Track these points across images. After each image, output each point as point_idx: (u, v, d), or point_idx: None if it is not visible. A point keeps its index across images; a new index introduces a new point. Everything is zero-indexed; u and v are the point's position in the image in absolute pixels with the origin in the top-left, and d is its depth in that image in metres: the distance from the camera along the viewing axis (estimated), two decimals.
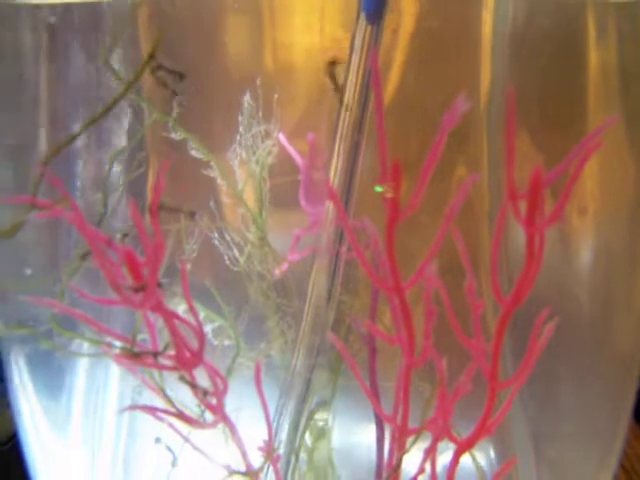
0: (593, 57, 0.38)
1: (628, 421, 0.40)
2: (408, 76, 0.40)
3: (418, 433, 0.32)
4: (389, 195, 0.30)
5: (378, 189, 0.30)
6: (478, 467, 0.38)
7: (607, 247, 0.40)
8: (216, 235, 0.40)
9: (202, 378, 0.33)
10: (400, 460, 0.33)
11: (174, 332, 0.29)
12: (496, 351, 0.32)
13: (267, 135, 0.39)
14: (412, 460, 0.35)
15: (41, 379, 0.42)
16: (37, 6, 0.36)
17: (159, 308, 0.29)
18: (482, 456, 0.42)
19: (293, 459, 0.38)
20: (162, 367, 0.31)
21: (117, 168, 0.39)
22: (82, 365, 0.43)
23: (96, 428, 0.44)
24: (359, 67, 0.36)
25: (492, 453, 0.43)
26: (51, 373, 0.42)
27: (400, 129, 0.39)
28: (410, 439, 0.34)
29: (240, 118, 0.38)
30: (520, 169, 0.35)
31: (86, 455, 0.44)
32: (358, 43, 0.36)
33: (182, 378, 0.30)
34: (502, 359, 0.40)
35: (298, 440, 0.38)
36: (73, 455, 0.44)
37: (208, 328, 0.39)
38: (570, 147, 0.36)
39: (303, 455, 0.39)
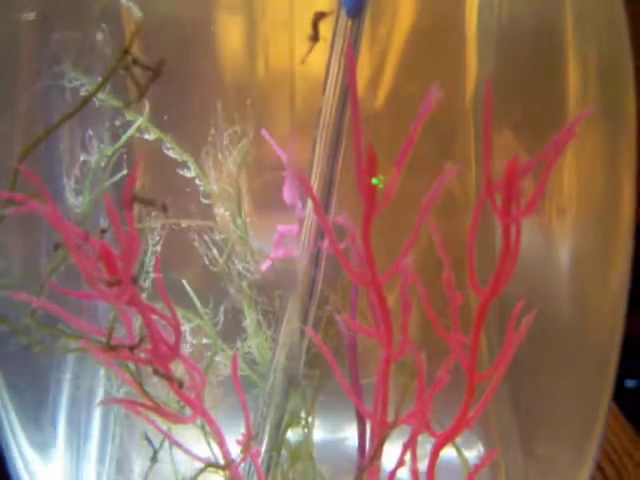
0: (572, 50, 0.38)
1: (606, 412, 0.40)
2: (396, 74, 0.40)
3: (394, 426, 0.32)
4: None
5: (374, 182, 0.30)
6: (464, 460, 0.38)
7: (583, 246, 0.40)
8: (195, 235, 0.40)
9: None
10: (377, 452, 0.33)
11: (150, 326, 0.29)
12: (474, 343, 0.32)
13: (243, 135, 0.39)
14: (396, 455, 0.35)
15: (24, 382, 0.42)
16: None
17: (134, 302, 0.29)
18: (472, 452, 0.43)
19: (275, 454, 0.38)
20: (139, 360, 0.31)
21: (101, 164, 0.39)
22: (68, 368, 0.43)
23: (81, 439, 0.44)
24: (339, 62, 0.36)
25: (481, 449, 0.43)
26: (35, 376, 0.42)
27: (388, 125, 0.39)
28: (391, 433, 0.34)
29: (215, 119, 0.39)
30: (502, 161, 0.35)
31: (71, 466, 0.44)
32: (339, 38, 0.36)
33: (156, 371, 0.30)
34: (490, 354, 0.40)
35: (280, 436, 0.38)
36: (57, 466, 0.44)
37: (186, 327, 0.39)
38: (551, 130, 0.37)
39: (284, 451, 0.39)
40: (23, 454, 0.43)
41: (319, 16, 0.34)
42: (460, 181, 0.41)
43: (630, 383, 1.08)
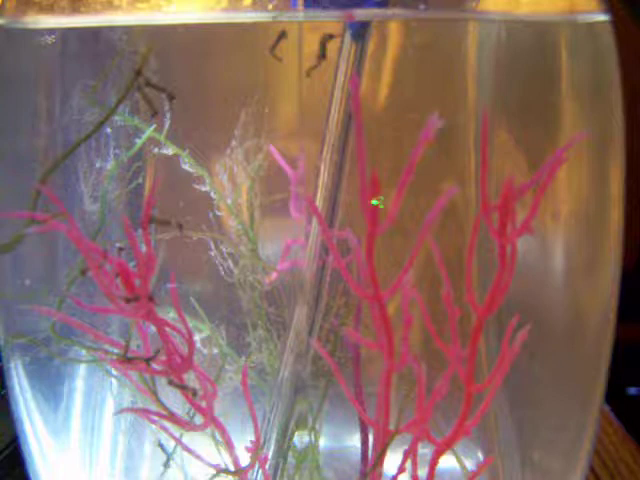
0: (565, 74, 0.40)
1: (597, 417, 0.42)
2: (399, 95, 0.41)
3: (394, 435, 0.33)
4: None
5: (374, 202, 0.32)
6: (463, 467, 0.40)
7: (577, 249, 0.42)
8: (212, 247, 0.41)
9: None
10: (379, 459, 0.34)
11: (165, 338, 0.31)
12: (472, 355, 0.34)
13: (258, 149, 0.40)
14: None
15: (40, 387, 0.43)
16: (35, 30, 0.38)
17: (150, 316, 0.30)
18: (471, 460, 0.44)
19: (281, 461, 0.39)
20: (154, 372, 0.32)
21: (116, 179, 0.40)
22: (81, 374, 0.44)
23: (94, 436, 0.45)
24: (344, 84, 0.38)
25: (480, 456, 0.45)
26: (50, 381, 0.44)
27: (390, 145, 0.41)
28: (393, 440, 0.36)
29: (235, 132, 0.40)
30: (502, 167, 0.38)
31: (84, 462, 0.46)
32: (343, 62, 0.38)
33: (171, 382, 0.31)
34: (489, 355, 0.41)
35: (286, 443, 0.39)
36: (71, 461, 0.46)
37: (197, 337, 0.40)
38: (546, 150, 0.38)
39: (291, 459, 0.40)
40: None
41: (327, 37, 0.35)
42: (462, 199, 0.43)
43: (632, 391, 1.09)
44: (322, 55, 0.37)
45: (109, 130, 0.39)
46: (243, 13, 0.38)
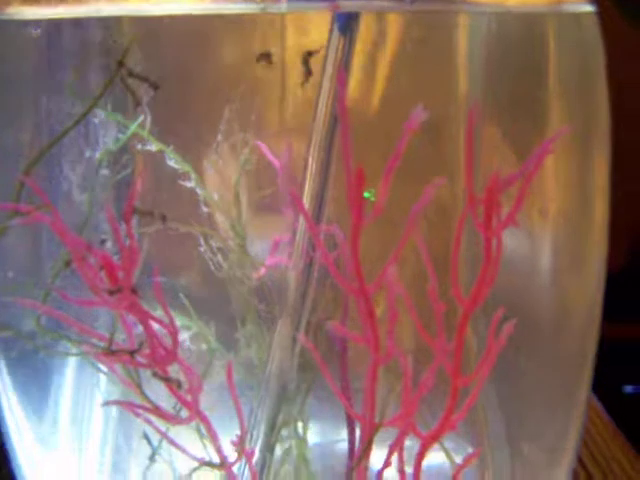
0: (553, 66, 0.40)
1: (583, 412, 0.42)
2: (389, 88, 0.41)
3: (379, 428, 0.33)
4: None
5: (366, 195, 0.32)
6: (452, 461, 0.40)
7: (563, 244, 0.42)
8: (202, 241, 0.41)
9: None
10: (364, 453, 0.34)
11: (148, 331, 0.31)
12: (458, 349, 0.34)
13: (244, 144, 0.40)
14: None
15: (25, 382, 0.43)
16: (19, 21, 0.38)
17: (134, 308, 0.30)
18: (460, 455, 0.44)
19: (268, 456, 0.39)
20: (138, 364, 0.32)
21: (104, 170, 0.40)
22: (68, 371, 0.44)
23: (83, 431, 0.45)
24: (331, 77, 0.38)
25: (470, 451, 0.45)
26: (36, 377, 0.43)
27: (379, 139, 0.41)
28: (383, 435, 0.36)
29: (220, 126, 0.40)
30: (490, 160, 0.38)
31: (72, 458, 0.46)
32: (331, 54, 0.38)
33: (155, 374, 0.31)
34: (478, 343, 0.41)
35: (274, 436, 0.39)
36: (59, 463, 0.45)
37: (186, 335, 0.40)
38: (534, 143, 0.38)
39: (278, 453, 0.40)
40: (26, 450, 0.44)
41: (308, 55, 0.35)
42: (450, 192, 0.43)
43: (628, 389, 1.09)
44: (307, 72, 0.37)
45: (96, 121, 0.38)
46: (230, 5, 0.38)
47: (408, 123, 0.30)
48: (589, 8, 0.39)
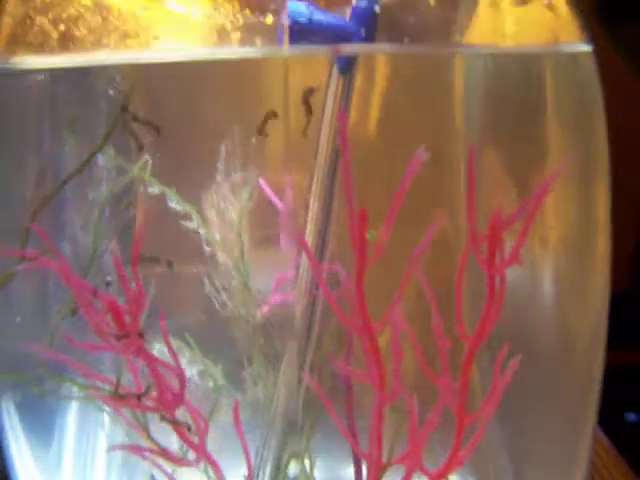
0: (551, 103, 0.40)
1: (590, 445, 0.42)
2: (387, 127, 0.42)
3: (387, 467, 0.33)
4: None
5: (369, 237, 0.32)
6: None
7: (565, 274, 0.42)
8: (206, 281, 0.41)
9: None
10: None
11: (156, 375, 0.31)
12: (463, 386, 0.34)
13: (245, 183, 0.41)
14: None
15: (32, 425, 0.43)
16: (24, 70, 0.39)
17: (141, 353, 0.30)
18: None
19: None
20: (146, 408, 0.32)
21: (107, 212, 0.40)
22: (72, 412, 0.44)
23: (87, 473, 0.45)
24: (332, 117, 0.38)
25: None
26: (42, 420, 0.43)
27: (380, 178, 0.41)
28: (387, 473, 0.36)
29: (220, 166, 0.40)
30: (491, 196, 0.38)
31: None
32: (331, 94, 0.38)
33: (163, 417, 0.31)
34: (482, 379, 0.41)
35: (280, 476, 0.39)
36: None
37: (194, 370, 0.40)
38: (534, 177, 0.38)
39: None
40: None
41: (308, 92, 0.36)
42: (452, 228, 0.43)
43: (631, 417, 1.08)
44: (307, 110, 0.37)
45: (100, 163, 0.39)
46: (231, 49, 0.39)
47: (410, 164, 0.30)
48: (586, 47, 0.40)
